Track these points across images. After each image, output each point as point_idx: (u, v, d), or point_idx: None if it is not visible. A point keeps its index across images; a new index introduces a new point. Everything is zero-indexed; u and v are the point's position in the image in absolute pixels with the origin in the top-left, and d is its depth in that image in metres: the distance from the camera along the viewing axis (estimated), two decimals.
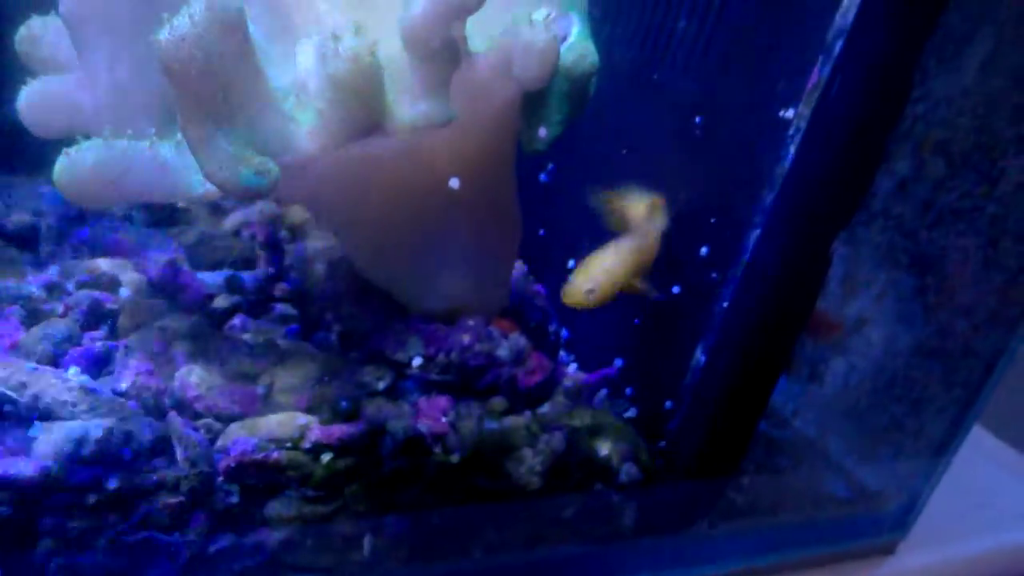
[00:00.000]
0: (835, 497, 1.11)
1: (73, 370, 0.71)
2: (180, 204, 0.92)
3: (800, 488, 1.11)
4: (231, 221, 0.92)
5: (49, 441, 0.66)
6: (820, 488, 1.11)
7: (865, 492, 1.11)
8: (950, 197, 0.93)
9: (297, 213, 0.96)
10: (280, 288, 0.90)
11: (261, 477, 0.71)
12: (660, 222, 0.88)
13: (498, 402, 0.87)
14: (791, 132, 0.76)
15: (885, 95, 0.80)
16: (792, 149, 0.76)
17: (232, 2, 0.56)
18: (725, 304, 0.83)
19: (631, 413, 0.96)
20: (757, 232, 0.79)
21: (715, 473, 0.97)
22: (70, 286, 0.81)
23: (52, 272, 0.81)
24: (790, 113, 0.75)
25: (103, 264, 0.84)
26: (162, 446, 0.70)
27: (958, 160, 0.91)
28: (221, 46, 0.56)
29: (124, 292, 0.81)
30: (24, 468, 0.64)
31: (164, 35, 0.55)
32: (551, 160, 1.01)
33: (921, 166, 0.90)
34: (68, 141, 0.66)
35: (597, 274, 0.83)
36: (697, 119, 0.85)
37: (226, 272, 0.86)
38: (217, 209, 0.94)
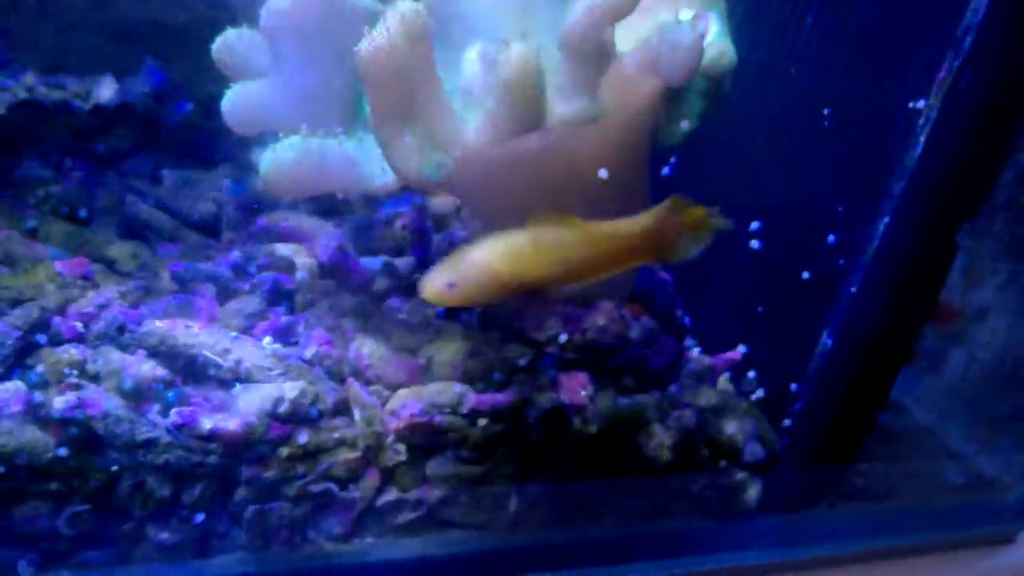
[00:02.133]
0: (954, 485, 1.11)
1: (267, 339, 0.81)
2: (339, 195, 1.01)
3: (919, 474, 1.12)
4: (384, 211, 1.01)
5: (250, 400, 0.75)
6: (939, 475, 1.12)
7: (984, 481, 1.11)
8: None
9: (442, 204, 1.05)
10: None
11: (425, 438, 0.79)
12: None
13: (628, 381, 0.93)
14: (921, 123, 0.78)
15: (1012, 89, 0.82)
16: (922, 139, 0.78)
17: (420, 17, 0.64)
18: (853, 290, 0.86)
19: (758, 394, 1.00)
20: (886, 220, 0.82)
21: (837, 455, 0.99)
22: (252, 268, 0.91)
23: (235, 256, 0.92)
24: (920, 104, 0.78)
25: (279, 248, 0.94)
26: (343, 408, 0.79)
27: None
28: (410, 54, 0.64)
29: (300, 274, 0.90)
30: (231, 423, 0.73)
31: (364, 45, 0.63)
32: (674, 154, 1.06)
33: None
34: (249, 141, 0.75)
35: (464, 267, 0.73)
36: (826, 111, 0.88)
37: (383, 258, 0.95)
38: (371, 201, 1.03)
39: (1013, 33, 0.77)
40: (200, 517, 0.75)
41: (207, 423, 0.72)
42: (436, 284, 0.72)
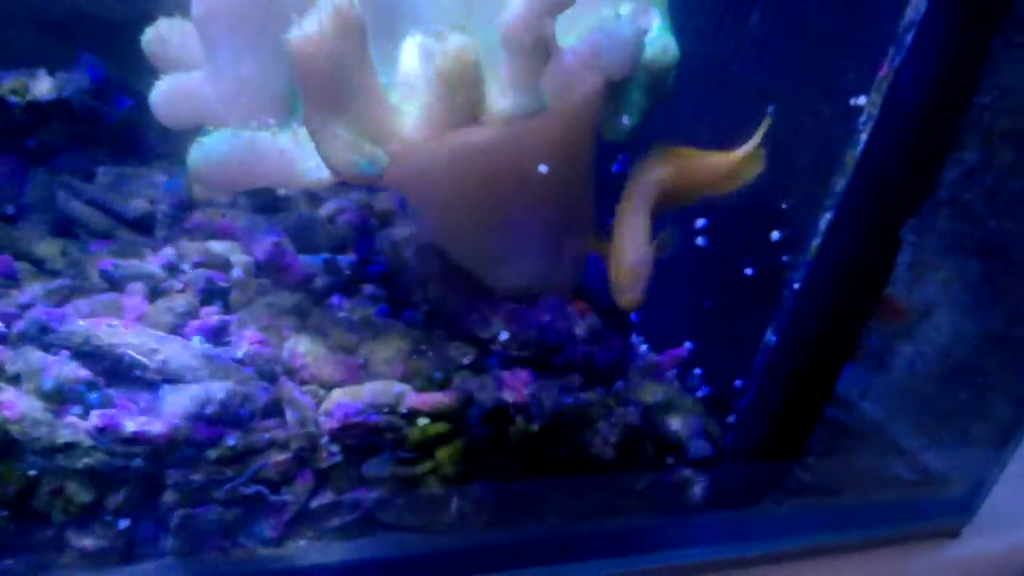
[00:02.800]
0: (901, 480, 1.12)
1: (196, 339, 0.79)
2: (280, 192, 0.99)
3: (866, 470, 1.13)
4: (326, 208, 0.99)
5: (176, 401, 0.73)
6: (886, 470, 1.13)
7: (930, 476, 1.12)
8: (1017, 184, 0.94)
9: (384, 202, 1.03)
10: (368, 272, 0.96)
11: (360, 438, 0.78)
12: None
13: (574, 378, 0.92)
14: (863, 119, 0.78)
15: (953, 85, 0.82)
16: (864, 136, 0.79)
17: (354, 6, 0.62)
18: (796, 286, 0.86)
19: (702, 392, 1.00)
20: (828, 216, 0.82)
21: (783, 452, 1.00)
22: (186, 266, 0.88)
23: (169, 253, 0.89)
24: (861, 100, 0.78)
25: (215, 246, 0.92)
26: (274, 408, 0.77)
27: None
28: (343, 45, 0.62)
29: (236, 272, 0.88)
30: (155, 425, 0.70)
31: (294, 35, 0.61)
32: (623, 151, 1.05)
33: (989, 154, 0.92)
34: (188, 135, 0.72)
35: (636, 274, 0.83)
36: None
37: (324, 255, 0.93)
38: (313, 198, 1.00)
39: (953, 29, 0.78)
40: (125, 523, 0.72)
41: (130, 425, 0.69)
42: (636, 297, 0.84)
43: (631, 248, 0.84)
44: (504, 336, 0.86)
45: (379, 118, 0.67)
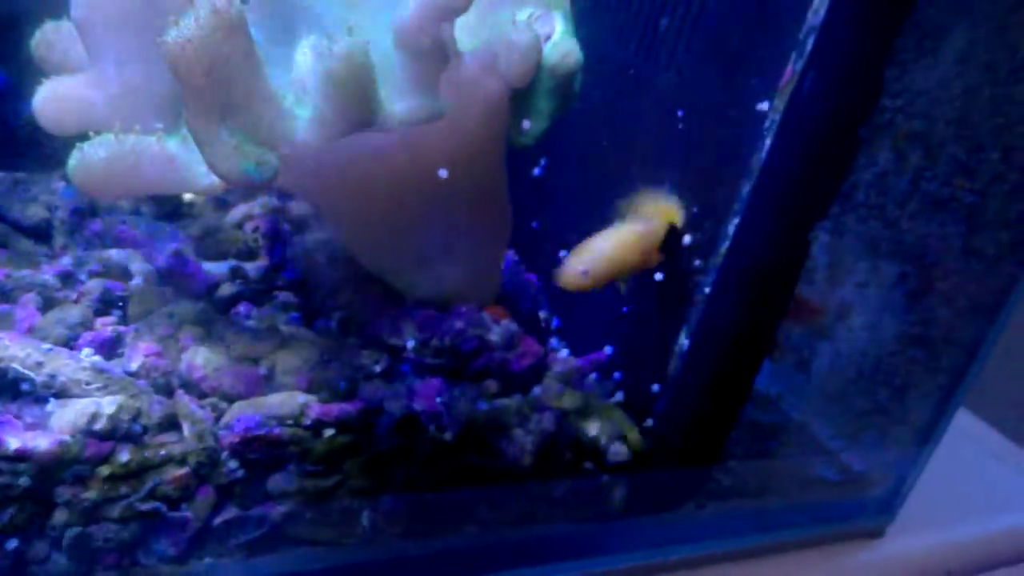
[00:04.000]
0: (822, 480, 1.14)
1: (86, 351, 0.76)
2: (186, 198, 0.96)
3: (788, 471, 1.13)
4: (234, 215, 0.97)
5: (64, 416, 0.70)
6: (807, 471, 1.14)
7: (852, 476, 1.13)
8: (930, 187, 0.96)
9: (298, 207, 1.01)
10: (282, 278, 0.94)
11: (264, 452, 0.76)
12: (667, 223, 0.89)
13: (490, 385, 0.91)
14: (767, 125, 0.79)
15: (858, 89, 0.83)
16: (768, 141, 0.79)
17: (233, 5, 0.60)
18: (707, 290, 0.86)
19: (619, 396, 0.99)
20: (736, 221, 0.82)
21: (702, 454, 1.00)
22: (83, 275, 0.85)
23: (66, 262, 0.86)
24: (765, 106, 0.78)
25: (114, 254, 0.89)
26: (170, 423, 0.74)
27: (937, 151, 0.94)
28: (224, 46, 0.60)
29: (134, 281, 0.85)
30: (41, 441, 0.68)
31: (171, 36, 0.59)
32: (543, 155, 1.05)
33: (901, 157, 0.93)
34: (81, 138, 0.70)
35: (593, 256, 0.84)
36: (679, 112, 0.88)
37: (231, 263, 0.91)
38: (221, 203, 0.98)
39: (854, 34, 0.78)
40: (13, 543, 0.69)
41: (14, 442, 0.66)
42: (574, 271, 0.83)
43: (606, 243, 0.86)
44: (414, 343, 0.85)
45: (270, 122, 0.66)
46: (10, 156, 0.98)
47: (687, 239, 0.88)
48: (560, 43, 0.78)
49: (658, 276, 0.90)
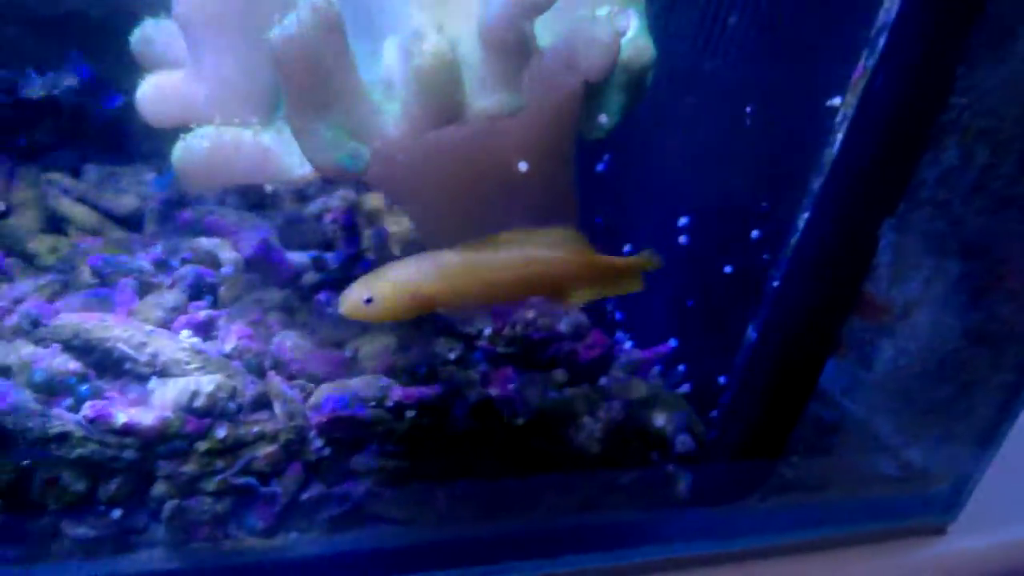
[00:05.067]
0: (884, 477, 1.13)
1: (185, 333, 0.80)
2: (268, 190, 1.00)
3: (849, 467, 1.13)
4: (314, 207, 1.01)
5: (165, 394, 0.74)
6: (870, 467, 1.14)
7: (914, 473, 1.13)
8: (996, 185, 0.96)
9: (373, 200, 1.04)
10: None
11: (349, 432, 0.79)
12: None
13: (559, 374, 0.94)
14: (839, 119, 0.80)
15: (928, 85, 0.84)
16: (839, 136, 0.80)
17: (332, 5, 0.63)
18: (776, 284, 0.87)
19: (685, 388, 1.01)
20: (806, 216, 0.84)
21: (765, 447, 1.01)
22: (175, 262, 0.90)
23: (158, 250, 0.90)
24: (837, 101, 0.79)
25: (204, 243, 0.93)
26: (263, 402, 0.78)
27: (1004, 149, 0.93)
28: (323, 43, 0.64)
29: (225, 268, 0.90)
30: (145, 417, 0.72)
31: (275, 33, 0.62)
32: (609, 151, 1.07)
33: (968, 154, 0.93)
34: (172, 133, 0.74)
35: (381, 284, 0.72)
36: (748, 108, 0.90)
37: (312, 252, 0.94)
38: (301, 196, 1.02)
39: (926, 31, 0.79)
40: (118, 512, 0.74)
41: (121, 417, 0.71)
42: (352, 299, 0.71)
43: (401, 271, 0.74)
44: (488, 331, 0.88)
45: (360, 116, 0.69)
46: (102, 149, 1.03)
47: (756, 233, 0.90)
48: (635, 39, 0.80)
49: (727, 269, 0.92)
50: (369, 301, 0.70)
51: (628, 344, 1.06)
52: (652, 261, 0.81)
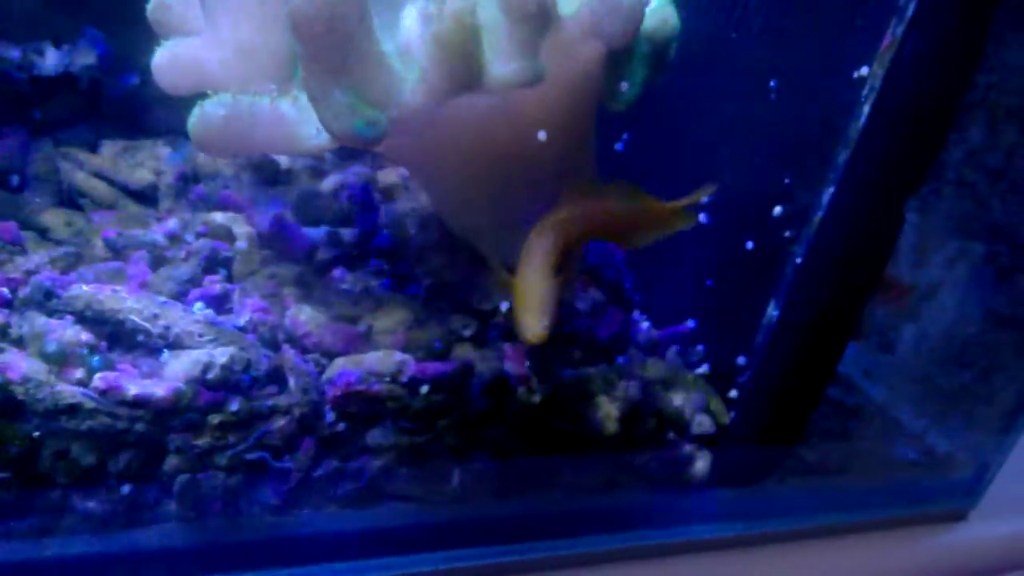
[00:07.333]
0: (905, 461, 1.12)
1: (198, 305, 0.79)
2: (283, 166, 0.99)
3: (870, 451, 1.12)
4: (329, 182, 0.99)
5: (178, 366, 0.73)
6: (890, 452, 1.12)
7: (935, 458, 1.11)
8: (1023, 165, 0.94)
9: (389, 176, 1.03)
10: (373, 244, 0.96)
11: (363, 407, 0.78)
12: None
13: (575, 352, 0.92)
14: (865, 91, 0.78)
15: (957, 57, 0.82)
16: (866, 108, 0.78)
17: None
18: (799, 261, 0.86)
19: (704, 368, 0.99)
20: (831, 190, 0.82)
21: (785, 430, 0.99)
22: (189, 236, 0.89)
23: (173, 224, 0.90)
24: (864, 71, 0.77)
25: (218, 217, 0.92)
26: (277, 375, 0.77)
27: None
28: (343, 7, 0.62)
29: (240, 243, 0.89)
30: (158, 389, 0.71)
31: None
32: (631, 125, 1.05)
33: (993, 135, 0.91)
34: (188, 109, 0.73)
35: (542, 304, 0.74)
36: (772, 82, 0.88)
37: (327, 228, 0.93)
38: (316, 171, 1.01)
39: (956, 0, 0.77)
40: (128, 487, 0.73)
41: (133, 389, 0.70)
42: (540, 330, 0.72)
43: (535, 282, 0.77)
44: (505, 306, 0.86)
45: (379, 83, 0.68)
46: (118, 125, 1.03)
47: (778, 209, 0.88)
48: (660, 9, 0.79)
49: (749, 246, 0.90)
50: (546, 327, 0.73)
51: (646, 324, 1.05)
52: (706, 191, 0.83)
